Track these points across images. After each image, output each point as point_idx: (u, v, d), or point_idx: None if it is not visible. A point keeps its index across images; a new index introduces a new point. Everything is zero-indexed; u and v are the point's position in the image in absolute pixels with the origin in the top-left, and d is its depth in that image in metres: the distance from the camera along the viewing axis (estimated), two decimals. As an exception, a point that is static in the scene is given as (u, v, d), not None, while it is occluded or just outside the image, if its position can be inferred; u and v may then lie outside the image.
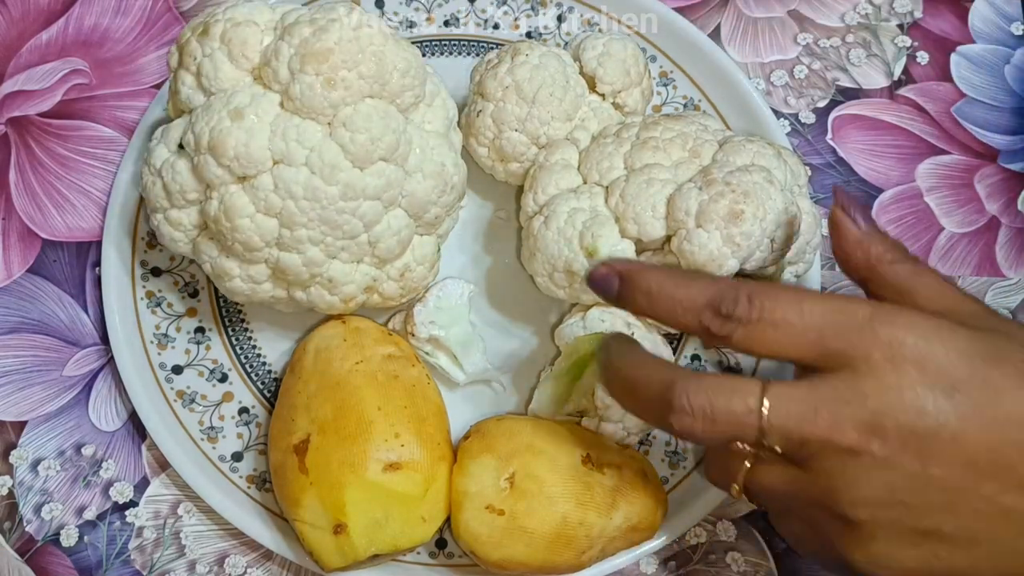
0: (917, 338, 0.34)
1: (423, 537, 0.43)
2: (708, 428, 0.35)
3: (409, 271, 0.47)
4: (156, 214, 0.45)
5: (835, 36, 0.61)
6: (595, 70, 0.50)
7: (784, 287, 0.37)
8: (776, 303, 0.35)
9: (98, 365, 0.52)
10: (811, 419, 0.34)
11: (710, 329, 0.36)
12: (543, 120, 0.49)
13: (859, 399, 0.34)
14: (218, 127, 0.41)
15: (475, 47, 0.58)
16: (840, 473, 0.34)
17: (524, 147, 0.50)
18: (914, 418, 0.33)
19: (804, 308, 0.35)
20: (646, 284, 0.38)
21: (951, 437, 0.33)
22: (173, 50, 0.45)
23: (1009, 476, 0.34)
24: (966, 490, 0.34)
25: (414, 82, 0.44)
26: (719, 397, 0.35)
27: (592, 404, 0.47)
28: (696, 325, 0.36)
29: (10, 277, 0.53)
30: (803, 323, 0.35)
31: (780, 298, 0.35)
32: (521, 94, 0.49)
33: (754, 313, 0.35)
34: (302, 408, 0.44)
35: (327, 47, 0.41)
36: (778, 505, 0.39)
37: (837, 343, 0.34)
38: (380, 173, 0.43)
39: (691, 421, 0.35)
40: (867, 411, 0.34)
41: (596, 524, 0.43)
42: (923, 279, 0.38)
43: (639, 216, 0.44)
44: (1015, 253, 0.57)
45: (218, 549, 0.49)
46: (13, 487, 0.49)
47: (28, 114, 0.57)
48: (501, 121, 0.49)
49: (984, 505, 0.34)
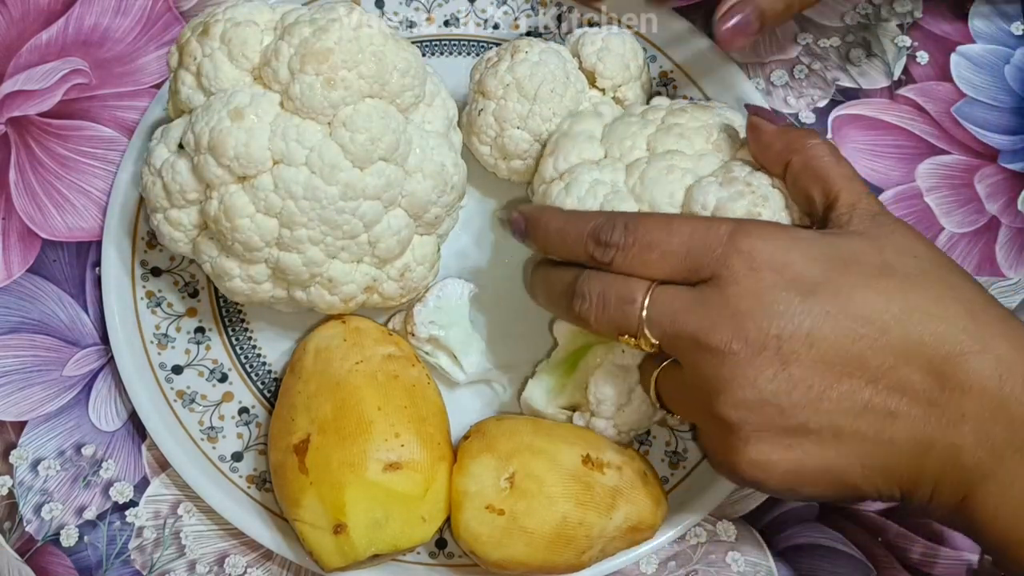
0: (775, 247, 0.37)
1: (423, 537, 0.43)
2: (599, 315, 0.40)
3: (409, 271, 0.47)
4: (156, 214, 0.45)
5: (835, 36, 0.61)
6: (595, 65, 0.51)
7: (658, 214, 0.42)
8: (647, 228, 0.39)
9: (98, 365, 0.52)
10: (682, 318, 0.38)
11: (594, 256, 0.40)
12: (545, 117, 0.49)
13: (723, 303, 0.37)
14: (218, 127, 0.41)
15: (475, 47, 0.58)
16: (711, 374, 0.37)
17: (527, 144, 0.50)
18: (771, 321, 0.36)
19: (672, 229, 0.39)
20: (544, 222, 0.43)
21: (806, 337, 0.36)
22: (173, 50, 0.45)
23: (862, 372, 0.36)
24: (825, 388, 0.36)
25: (414, 82, 0.44)
26: (611, 289, 0.40)
27: (585, 399, 0.47)
28: (584, 254, 0.41)
29: (10, 277, 0.53)
30: (672, 243, 0.39)
31: (651, 223, 0.40)
32: (522, 91, 0.49)
33: (628, 238, 0.39)
34: (302, 408, 0.44)
35: (327, 47, 0.41)
36: (682, 413, 0.43)
37: (702, 257, 0.38)
38: (380, 173, 0.43)
39: (587, 307, 0.41)
40: (730, 315, 0.37)
41: (596, 524, 0.43)
42: (840, 168, 0.41)
43: (655, 200, 0.43)
44: (1015, 253, 0.57)
45: (218, 549, 0.49)
46: (13, 487, 0.49)
47: (28, 114, 0.57)
48: (503, 119, 0.49)
49: (843, 402, 0.36)
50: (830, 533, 0.50)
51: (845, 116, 0.60)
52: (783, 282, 0.37)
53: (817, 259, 0.37)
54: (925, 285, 0.37)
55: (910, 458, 0.36)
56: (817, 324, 0.36)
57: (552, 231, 0.43)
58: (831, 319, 0.36)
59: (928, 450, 0.36)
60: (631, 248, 0.39)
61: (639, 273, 0.40)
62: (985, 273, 0.56)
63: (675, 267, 0.39)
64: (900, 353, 0.36)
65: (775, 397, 0.36)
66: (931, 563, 0.50)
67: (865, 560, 0.50)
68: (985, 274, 0.56)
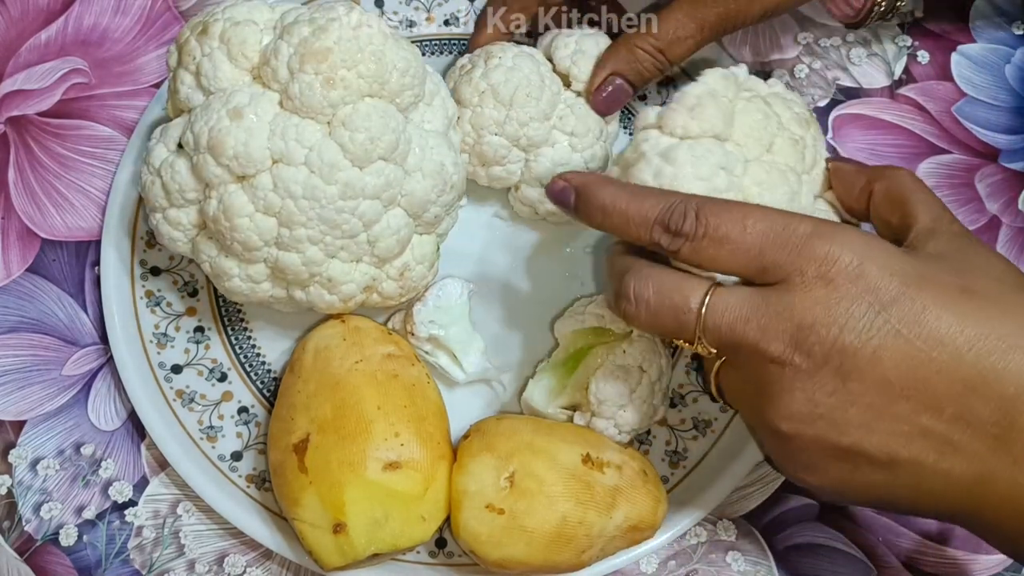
0: (852, 255, 0.35)
1: (423, 536, 0.43)
2: (650, 320, 0.38)
3: (408, 270, 0.47)
4: (155, 213, 0.45)
5: (835, 35, 0.61)
6: (569, 68, 0.50)
7: (733, 203, 0.38)
8: (720, 219, 0.36)
9: (97, 364, 0.52)
10: (742, 326, 0.36)
11: (660, 244, 0.37)
12: (522, 122, 0.49)
13: (788, 311, 0.35)
14: (217, 126, 0.41)
15: (475, 46, 0.58)
16: (768, 383, 0.36)
17: (505, 150, 0.50)
18: (837, 334, 0.34)
19: (748, 224, 0.36)
20: (600, 199, 0.39)
21: (872, 354, 0.34)
22: (172, 49, 0.44)
23: (925, 397, 0.34)
24: (883, 408, 0.34)
25: (413, 81, 0.44)
26: (663, 291, 0.37)
27: (586, 399, 0.47)
28: (647, 239, 0.38)
29: (9, 276, 0.53)
30: (745, 239, 0.36)
31: (725, 214, 0.37)
32: (498, 97, 0.49)
33: (699, 229, 0.36)
34: (301, 407, 0.44)
35: (326, 46, 0.41)
36: (742, 412, 0.40)
37: (775, 257, 0.36)
38: (379, 172, 0.43)
39: (634, 310, 0.38)
40: (793, 324, 0.35)
41: (596, 523, 0.43)
42: (919, 194, 0.40)
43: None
44: (1016, 253, 0.57)
45: (217, 548, 0.49)
46: (12, 486, 0.49)
47: (27, 113, 0.56)
48: (480, 126, 0.49)
49: (901, 424, 0.34)
50: (830, 533, 0.50)
51: (845, 116, 0.59)
52: (856, 293, 0.34)
53: (895, 273, 0.35)
54: (1007, 310, 0.34)
55: (966, 490, 0.34)
56: (886, 342, 0.34)
57: (612, 210, 0.39)
58: (901, 338, 0.34)
59: (988, 485, 0.34)
60: (701, 240, 0.36)
61: (705, 266, 0.37)
62: (985, 272, 0.56)
63: (744, 265, 0.36)
64: (970, 382, 0.33)
65: (831, 412, 0.35)
66: (931, 563, 0.50)
67: (865, 560, 0.50)
68: (985, 273, 0.56)
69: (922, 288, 0.34)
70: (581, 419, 0.47)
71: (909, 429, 0.34)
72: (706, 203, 0.37)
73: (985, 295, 0.35)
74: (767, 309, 0.36)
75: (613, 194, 0.39)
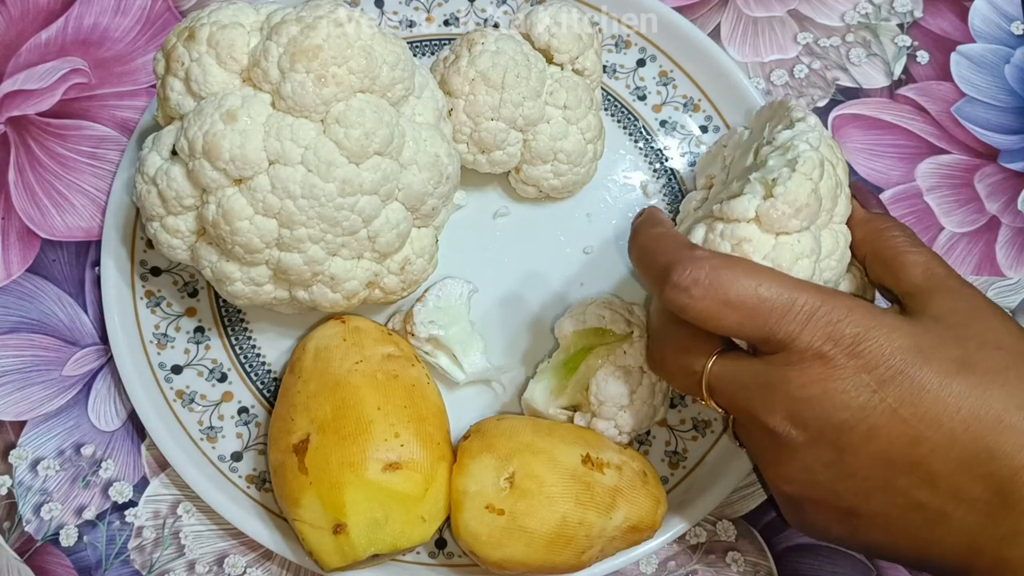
0: (854, 330, 0.35)
1: (423, 537, 0.43)
2: (666, 377, 0.42)
3: (409, 264, 0.47)
4: (152, 222, 0.44)
5: (835, 35, 0.61)
6: (548, 42, 0.51)
7: (746, 268, 0.37)
8: (731, 284, 0.36)
9: (97, 365, 0.52)
10: (743, 394, 0.37)
11: (666, 297, 0.37)
12: (516, 103, 0.49)
13: (785, 385, 0.36)
14: (211, 131, 0.41)
15: (475, 46, 0.58)
16: (767, 448, 0.37)
17: (504, 133, 0.50)
18: (832, 411, 0.35)
19: (758, 291, 0.36)
20: (638, 240, 0.41)
21: (867, 431, 0.35)
22: (159, 56, 0.44)
23: (920, 472, 0.35)
24: (879, 481, 0.35)
25: (404, 75, 0.44)
26: (675, 351, 0.40)
27: (586, 399, 0.47)
28: (659, 292, 0.38)
29: (9, 277, 0.53)
30: (752, 306, 0.36)
31: (736, 281, 0.36)
32: (489, 83, 0.49)
33: (699, 290, 0.36)
34: (301, 408, 0.44)
35: (316, 44, 0.41)
36: (750, 454, 0.42)
37: (779, 328, 0.36)
38: (376, 167, 0.43)
39: (653, 365, 0.43)
40: (791, 398, 0.36)
41: (596, 524, 0.43)
42: (913, 256, 0.40)
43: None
44: (1015, 253, 0.57)
45: (217, 549, 0.49)
46: (12, 487, 0.49)
47: (27, 113, 0.56)
48: (475, 113, 0.49)
49: (896, 496, 0.35)
50: (830, 533, 0.50)
51: (845, 116, 0.59)
52: (854, 368, 0.35)
53: (895, 350, 0.35)
54: (1006, 385, 0.35)
55: (957, 555, 0.35)
56: (881, 421, 0.35)
57: (642, 253, 0.40)
58: (896, 417, 0.34)
59: (977, 555, 0.35)
60: (703, 300, 0.36)
61: (711, 329, 0.37)
62: (985, 273, 0.56)
63: (749, 332, 0.37)
64: (964, 462, 0.34)
65: (828, 482, 0.36)
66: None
67: (865, 560, 0.50)
68: (985, 274, 0.56)
69: (921, 364, 0.35)
70: (581, 420, 0.47)
71: (904, 502, 0.35)
72: (719, 266, 0.37)
73: (985, 369, 0.35)
74: (766, 380, 0.36)
75: (647, 236, 0.40)
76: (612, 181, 0.56)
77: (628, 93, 0.58)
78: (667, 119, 0.57)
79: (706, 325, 0.37)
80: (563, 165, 0.51)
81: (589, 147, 0.52)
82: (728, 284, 0.36)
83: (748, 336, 0.37)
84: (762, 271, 0.37)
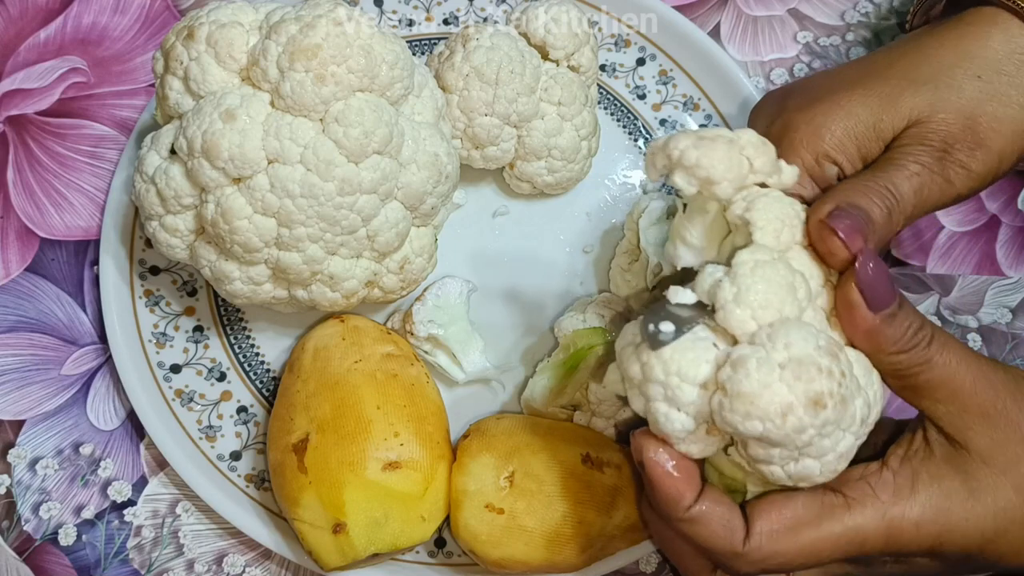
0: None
1: (422, 536, 0.43)
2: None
3: (408, 263, 0.47)
4: (151, 221, 0.44)
5: (835, 34, 0.61)
6: (544, 38, 0.51)
7: (792, 538, 0.36)
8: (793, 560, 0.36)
9: (96, 364, 0.51)
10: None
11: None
12: (510, 98, 0.49)
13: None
14: (210, 130, 0.41)
15: (474, 45, 0.58)
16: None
17: (497, 129, 0.50)
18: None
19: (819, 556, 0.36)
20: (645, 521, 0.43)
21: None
22: (157, 55, 0.44)
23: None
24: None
25: (403, 74, 0.44)
26: (691, 559, 0.40)
27: (585, 398, 0.47)
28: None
29: (8, 276, 0.53)
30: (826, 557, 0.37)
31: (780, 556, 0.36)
32: (483, 78, 0.49)
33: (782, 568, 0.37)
34: (301, 407, 0.44)
35: (315, 43, 0.41)
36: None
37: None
38: (375, 166, 0.43)
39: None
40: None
41: (596, 523, 0.43)
42: (925, 376, 0.36)
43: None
44: (1015, 252, 0.57)
45: (216, 548, 0.49)
46: (11, 486, 0.49)
47: (26, 112, 0.56)
48: (469, 109, 0.49)
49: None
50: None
51: (845, 115, 0.59)
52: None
53: (974, 548, 0.37)
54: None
55: None
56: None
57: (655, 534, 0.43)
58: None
59: None
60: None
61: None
62: (985, 272, 0.56)
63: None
64: None
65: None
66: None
67: (865, 559, 0.50)
68: (985, 273, 0.56)
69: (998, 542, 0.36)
70: (581, 418, 0.47)
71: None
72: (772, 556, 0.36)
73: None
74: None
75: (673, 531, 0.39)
76: (611, 180, 0.56)
77: (628, 92, 0.58)
78: (667, 118, 0.57)
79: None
80: (557, 161, 0.51)
81: (583, 144, 0.52)
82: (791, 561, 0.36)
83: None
84: (812, 542, 0.36)
